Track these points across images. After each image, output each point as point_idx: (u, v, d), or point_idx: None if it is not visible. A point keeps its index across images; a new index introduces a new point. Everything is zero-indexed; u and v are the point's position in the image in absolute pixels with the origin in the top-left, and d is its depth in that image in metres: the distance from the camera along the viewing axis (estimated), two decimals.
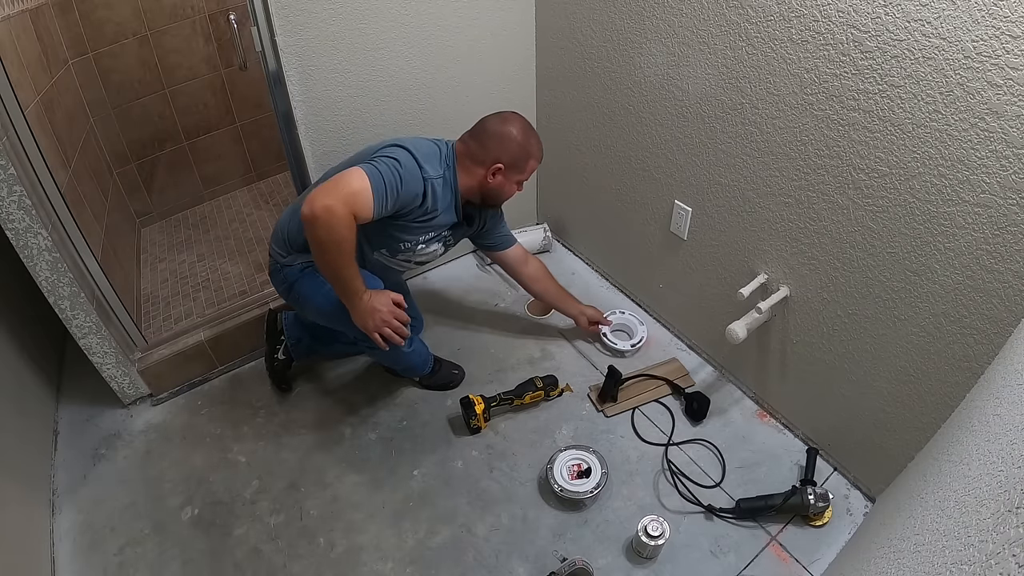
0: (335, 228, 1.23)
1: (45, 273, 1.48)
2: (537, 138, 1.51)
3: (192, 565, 1.41)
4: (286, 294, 1.59)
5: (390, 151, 1.35)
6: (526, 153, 1.48)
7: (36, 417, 1.69)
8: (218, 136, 2.61)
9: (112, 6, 2.15)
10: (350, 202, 1.24)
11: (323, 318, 1.55)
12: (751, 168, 1.45)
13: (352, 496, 1.54)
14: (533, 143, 1.49)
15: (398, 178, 1.30)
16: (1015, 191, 0.99)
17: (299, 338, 1.77)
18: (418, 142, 1.41)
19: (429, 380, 1.80)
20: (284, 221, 1.57)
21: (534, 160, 1.51)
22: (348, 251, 1.27)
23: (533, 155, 1.50)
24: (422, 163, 1.36)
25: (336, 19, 1.58)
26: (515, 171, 1.49)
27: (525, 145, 1.47)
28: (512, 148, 1.45)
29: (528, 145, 1.48)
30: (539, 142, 1.52)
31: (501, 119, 1.47)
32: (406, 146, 1.37)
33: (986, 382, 0.99)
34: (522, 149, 1.47)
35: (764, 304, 1.48)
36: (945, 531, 0.65)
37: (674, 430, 1.65)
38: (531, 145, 1.49)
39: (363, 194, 1.25)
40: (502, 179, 1.48)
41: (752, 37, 1.31)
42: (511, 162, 1.46)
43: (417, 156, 1.35)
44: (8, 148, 1.33)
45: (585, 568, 1.32)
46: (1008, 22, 0.91)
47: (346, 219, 1.23)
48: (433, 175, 1.37)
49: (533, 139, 1.50)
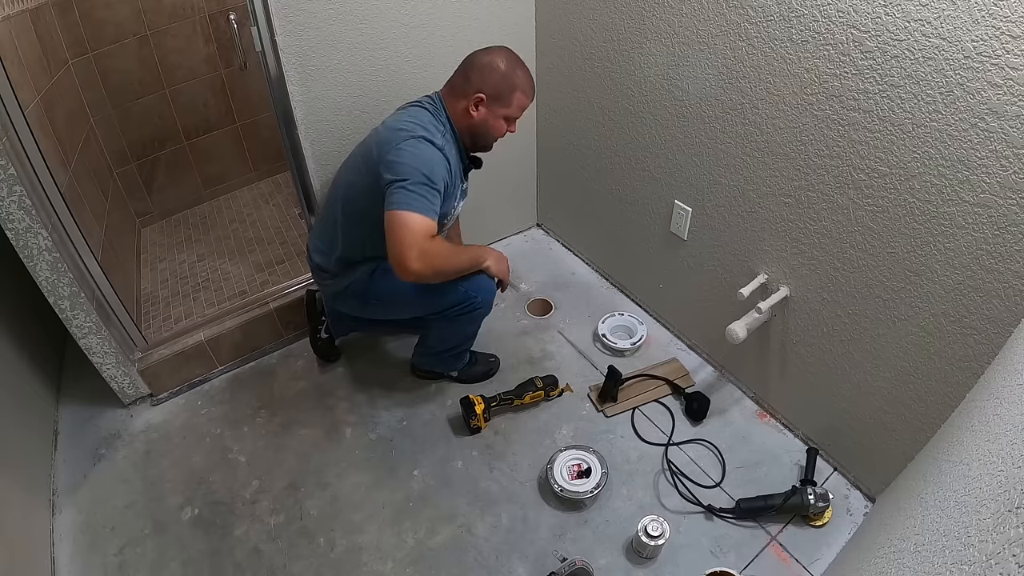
0: (436, 263, 1.33)
1: (45, 273, 1.48)
2: (525, 71, 1.41)
3: (192, 565, 1.41)
4: (362, 307, 1.60)
5: (404, 159, 1.31)
6: (510, 84, 1.38)
7: (36, 417, 1.69)
8: (218, 136, 2.61)
9: (112, 6, 2.16)
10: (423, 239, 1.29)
11: (413, 309, 1.56)
12: (751, 168, 1.45)
13: (352, 496, 1.54)
14: (520, 75, 1.39)
15: (429, 182, 1.31)
16: (1015, 191, 0.99)
17: (340, 316, 1.77)
18: (414, 116, 1.38)
19: (468, 373, 1.80)
20: (326, 244, 1.56)
21: (520, 93, 1.39)
22: (454, 258, 1.40)
23: (519, 87, 1.39)
24: (430, 138, 1.34)
25: (336, 19, 1.58)
26: (499, 103, 1.39)
27: (509, 75, 1.37)
28: (494, 78, 1.37)
29: (512, 75, 1.38)
30: (528, 75, 1.41)
31: (485, 51, 1.41)
32: (410, 134, 1.33)
33: (986, 382, 0.99)
34: (505, 79, 1.37)
35: (764, 304, 1.48)
36: (945, 531, 0.65)
37: (674, 430, 1.65)
38: (516, 76, 1.39)
39: (423, 224, 1.29)
40: (485, 112, 1.40)
41: (752, 37, 1.31)
42: (493, 93, 1.38)
43: (425, 136, 1.34)
44: (8, 148, 1.33)
45: (585, 568, 1.32)
46: (1008, 22, 0.91)
47: (429, 249, 1.31)
48: (440, 142, 1.36)
49: (520, 71, 1.40)
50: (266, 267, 2.26)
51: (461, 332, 1.65)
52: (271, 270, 2.23)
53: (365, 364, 1.91)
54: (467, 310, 1.53)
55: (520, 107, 1.42)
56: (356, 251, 1.52)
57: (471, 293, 1.50)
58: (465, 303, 1.51)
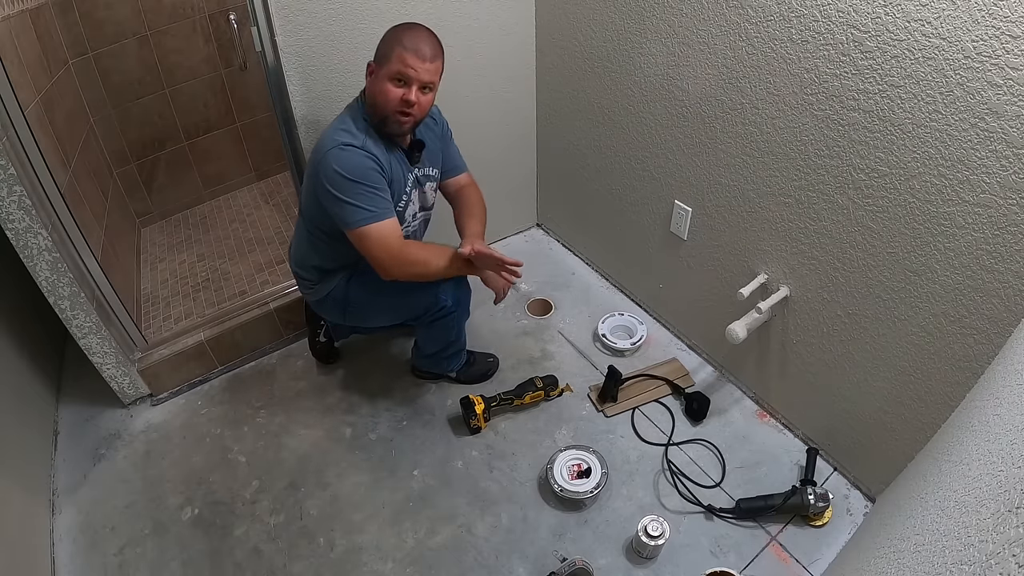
0: (411, 266, 1.38)
1: (45, 273, 1.48)
2: (414, 29, 1.30)
3: (192, 565, 1.41)
4: (342, 315, 1.61)
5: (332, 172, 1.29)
6: (393, 39, 1.28)
7: (36, 417, 1.69)
8: (218, 136, 2.61)
9: (112, 6, 2.15)
10: (386, 246, 1.34)
11: (390, 315, 1.58)
12: (751, 168, 1.45)
13: (352, 496, 1.54)
14: (404, 31, 1.29)
15: (365, 186, 1.30)
16: (1015, 191, 0.99)
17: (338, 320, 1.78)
18: (335, 124, 1.36)
19: (467, 373, 1.80)
20: (301, 254, 1.57)
21: (401, 48, 1.26)
22: (433, 260, 1.40)
23: (401, 42, 1.27)
24: (348, 141, 1.30)
25: (336, 19, 1.58)
26: (381, 63, 1.29)
27: (394, 33, 1.29)
28: (381, 43, 1.31)
29: (397, 33, 1.29)
30: (415, 32, 1.29)
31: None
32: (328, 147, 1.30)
33: (986, 382, 0.99)
34: (389, 38, 1.29)
35: (764, 304, 1.48)
36: (945, 531, 0.65)
37: (674, 430, 1.65)
38: (401, 33, 1.28)
39: (382, 230, 1.33)
40: (374, 80, 1.32)
41: (752, 37, 1.31)
42: (378, 56, 1.31)
43: (343, 142, 1.30)
44: (8, 148, 1.33)
45: (585, 568, 1.32)
46: (1008, 22, 0.91)
47: (408, 253, 1.37)
48: (359, 141, 1.31)
49: (406, 29, 1.29)
50: (266, 267, 2.26)
51: (444, 336, 1.66)
52: (271, 270, 2.23)
53: (365, 364, 1.91)
54: (440, 315, 1.55)
55: (400, 61, 1.26)
56: (327, 259, 1.53)
57: (442, 298, 1.51)
58: (437, 309, 1.52)
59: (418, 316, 1.56)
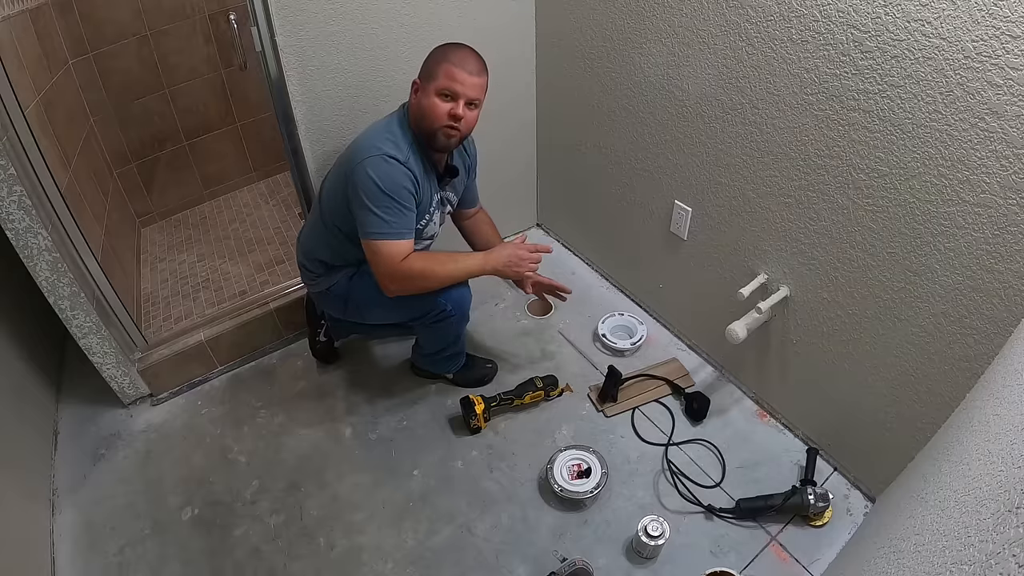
0: (412, 283, 1.39)
1: (45, 273, 1.48)
2: (462, 49, 1.35)
3: (192, 565, 1.41)
4: (343, 311, 1.61)
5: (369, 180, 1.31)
6: (440, 58, 1.33)
7: (36, 417, 1.68)
8: (218, 136, 2.61)
9: (112, 6, 2.15)
10: (394, 265, 1.35)
11: (390, 315, 1.58)
12: (751, 168, 1.45)
13: (352, 496, 1.54)
14: (450, 49, 1.34)
15: (395, 201, 1.32)
16: (1015, 191, 0.99)
17: (339, 319, 1.78)
18: (381, 130, 1.38)
19: (464, 376, 1.80)
20: (311, 246, 1.58)
21: (448, 64, 1.31)
22: (440, 270, 1.41)
23: (448, 59, 1.32)
24: (393, 153, 1.32)
25: (336, 19, 1.57)
26: (428, 80, 1.34)
27: (439, 52, 1.34)
28: (428, 60, 1.35)
29: (444, 51, 1.34)
30: (464, 53, 1.34)
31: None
32: (371, 154, 1.32)
33: (986, 382, 0.99)
34: (434, 57, 1.34)
35: (764, 304, 1.48)
36: (945, 531, 0.65)
37: (674, 430, 1.65)
38: (448, 51, 1.34)
39: (394, 249, 1.34)
40: (421, 96, 1.35)
41: (752, 37, 1.31)
42: (425, 73, 1.35)
43: (387, 153, 1.32)
44: (8, 148, 1.33)
45: (585, 568, 1.32)
46: (1008, 22, 0.91)
47: (402, 272, 1.36)
48: (404, 156, 1.34)
49: (453, 48, 1.34)
50: (266, 267, 2.26)
51: (442, 338, 1.66)
52: (271, 270, 2.23)
53: (365, 364, 1.91)
54: (440, 318, 1.55)
55: (448, 76, 1.31)
56: (336, 255, 1.54)
57: (441, 302, 1.51)
58: (437, 312, 1.53)
59: (417, 317, 1.57)
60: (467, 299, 1.57)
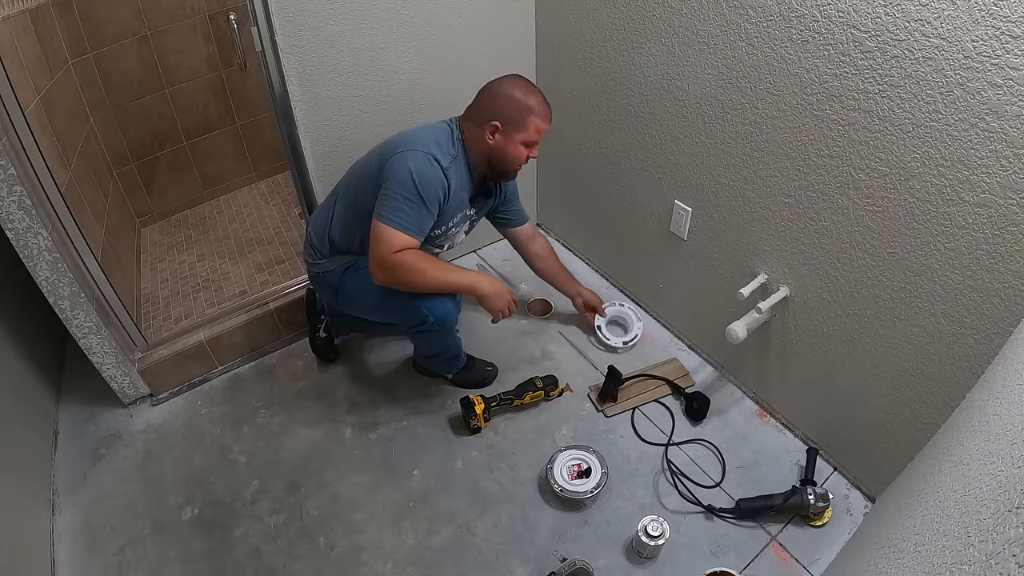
0: (399, 276, 1.37)
1: (45, 273, 1.48)
2: (541, 97, 1.43)
3: (192, 565, 1.41)
4: (333, 299, 1.62)
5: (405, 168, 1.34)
6: (525, 108, 1.40)
7: (36, 417, 1.68)
8: (218, 136, 2.61)
9: (112, 6, 2.15)
10: (390, 253, 1.34)
11: (374, 314, 1.58)
12: (751, 168, 1.45)
13: (352, 496, 1.54)
14: (534, 100, 1.41)
15: (420, 197, 1.35)
16: (1015, 191, 0.99)
17: (339, 315, 1.79)
18: (433, 133, 1.42)
19: (463, 377, 1.80)
20: (314, 227, 1.59)
21: (536, 118, 1.41)
22: (431, 271, 1.39)
23: (535, 112, 1.41)
24: (438, 157, 1.37)
25: (336, 19, 1.58)
26: (515, 129, 1.41)
27: (524, 101, 1.40)
28: (509, 105, 1.40)
29: (527, 101, 1.40)
30: (543, 101, 1.43)
31: (500, 79, 1.45)
32: (419, 149, 1.36)
33: (986, 382, 0.99)
34: (520, 105, 1.40)
35: (764, 304, 1.48)
36: (945, 531, 0.65)
37: (674, 430, 1.65)
38: (531, 102, 1.40)
39: (397, 239, 1.34)
40: (502, 139, 1.42)
41: (752, 37, 1.31)
42: (509, 119, 1.40)
43: (433, 154, 1.37)
44: (8, 148, 1.33)
45: (585, 568, 1.32)
46: (1008, 22, 0.91)
47: (402, 262, 1.35)
48: (446, 163, 1.39)
49: (534, 97, 1.41)
50: (266, 267, 2.26)
51: (430, 346, 1.66)
52: (271, 270, 2.23)
53: (365, 364, 1.91)
54: (422, 328, 1.54)
55: (537, 131, 1.43)
56: (346, 239, 1.54)
57: (423, 312, 1.49)
58: (419, 322, 1.52)
59: (399, 323, 1.58)
60: (451, 313, 1.54)
